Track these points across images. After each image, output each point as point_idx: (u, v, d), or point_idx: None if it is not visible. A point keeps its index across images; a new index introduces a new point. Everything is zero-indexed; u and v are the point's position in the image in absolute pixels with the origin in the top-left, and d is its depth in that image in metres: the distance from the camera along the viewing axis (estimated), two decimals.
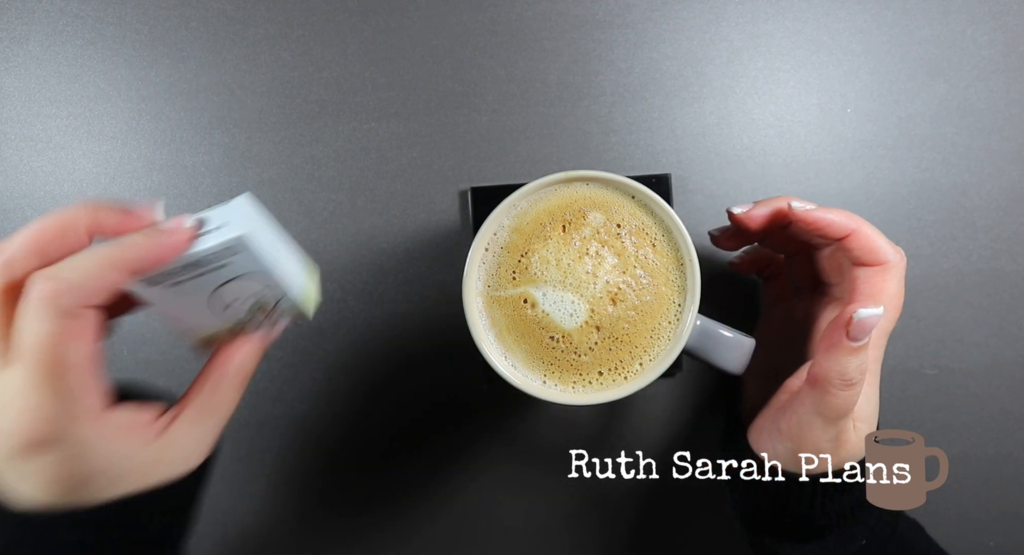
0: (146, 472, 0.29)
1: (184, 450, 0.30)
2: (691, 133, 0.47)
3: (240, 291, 0.30)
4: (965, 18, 0.47)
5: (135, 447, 0.28)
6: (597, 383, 0.37)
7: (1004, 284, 0.48)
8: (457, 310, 0.37)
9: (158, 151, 0.47)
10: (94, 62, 0.47)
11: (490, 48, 0.47)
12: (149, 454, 0.29)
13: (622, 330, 0.36)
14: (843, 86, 0.47)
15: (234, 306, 0.31)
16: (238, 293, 0.30)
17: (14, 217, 0.48)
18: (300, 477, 0.48)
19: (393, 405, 0.49)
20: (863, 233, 0.35)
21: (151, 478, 0.29)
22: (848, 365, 0.33)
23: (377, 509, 0.50)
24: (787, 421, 0.35)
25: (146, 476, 0.29)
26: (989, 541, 0.49)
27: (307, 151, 0.47)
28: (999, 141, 0.47)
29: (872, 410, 0.35)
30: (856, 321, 0.32)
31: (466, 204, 0.47)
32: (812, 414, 0.34)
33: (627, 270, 0.36)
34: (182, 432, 0.30)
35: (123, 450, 0.28)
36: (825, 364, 0.33)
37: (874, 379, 0.35)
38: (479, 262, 0.37)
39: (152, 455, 0.29)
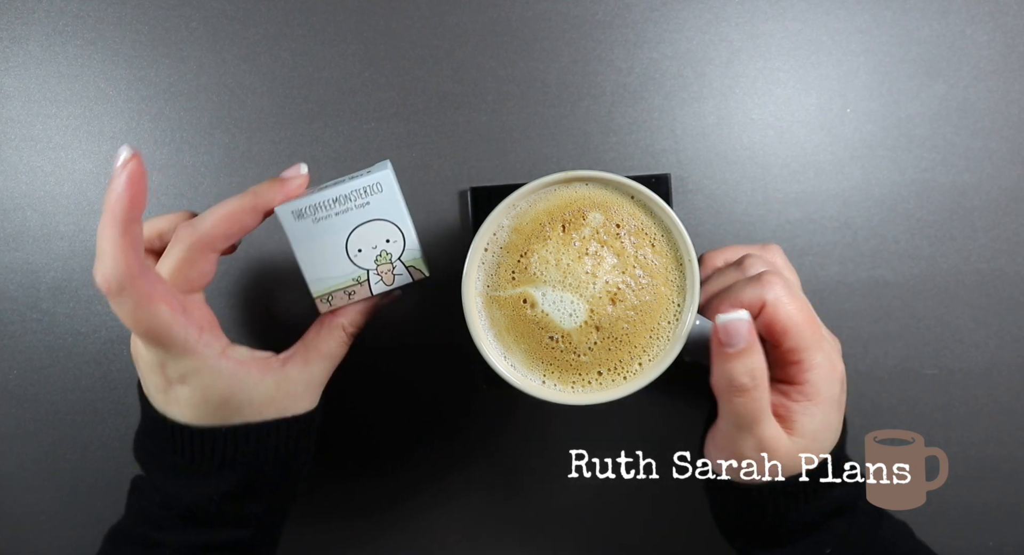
0: (269, 401, 0.35)
1: (298, 386, 0.36)
2: (691, 133, 0.47)
3: (372, 238, 0.35)
4: (965, 18, 0.47)
5: (256, 377, 0.35)
6: (596, 383, 0.37)
7: (1003, 284, 0.48)
8: (457, 310, 0.37)
9: (158, 151, 0.48)
10: (94, 62, 0.47)
11: (490, 48, 0.47)
12: (269, 385, 0.35)
13: (621, 330, 0.36)
14: (843, 86, 0.47)
15: (364, 252, 0.36)
16: (370, 239, 0.35)
17: (14, 217, 0.48)
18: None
19: (392, 405, 0.49)
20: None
21: (274, 408, 0.35)
22: (733, 371, 0.33)
23: (376, 509, 0.50)
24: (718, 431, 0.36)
25: (270, 404, 0.35)
26: (989, 541, 0.49)
27: (307, 151, 0.47)
28: (999, 141, 0.47)
29: (816, 427, 0.34)
30: (719, 326, 0.33)
31: (466, 204, 0.47)
32: (726, 423, 0.35)
33: (626, 270, 0.36)
34: (295, 370, 0.36)
35: (247, 379, 0.34)
36: (716, 374, 0.34)
37: (822, 398, 0.34)
38: (479, 262, 0.37)
39: (271, 386, 0.35)
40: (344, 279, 0.36)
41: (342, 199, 0.35)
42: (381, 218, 0.35)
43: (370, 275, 0.36)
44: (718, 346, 0.33)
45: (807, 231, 0.48)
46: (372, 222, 0.35)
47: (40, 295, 0.48)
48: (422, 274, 0.37)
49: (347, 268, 0.36)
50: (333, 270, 0.36)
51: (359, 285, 0.36)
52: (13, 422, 0.49)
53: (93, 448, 0.49)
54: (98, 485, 0.49)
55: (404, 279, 0.37)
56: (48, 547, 0.50)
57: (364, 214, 0.35)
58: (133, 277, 0.29)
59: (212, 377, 0.33)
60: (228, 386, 0.34)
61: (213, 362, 0.33)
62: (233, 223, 0.33)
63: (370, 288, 0.36)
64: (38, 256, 0.48)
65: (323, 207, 0.34)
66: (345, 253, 0.35)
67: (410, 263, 0.36)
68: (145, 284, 0.30)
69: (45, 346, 0.48)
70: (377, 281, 0.36)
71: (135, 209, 0.28)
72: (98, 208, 0.47)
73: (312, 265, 0.35)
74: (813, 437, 0.34)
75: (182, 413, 0.34)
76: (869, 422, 0.48)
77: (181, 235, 0.33)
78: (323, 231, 0.35)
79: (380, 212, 0.35)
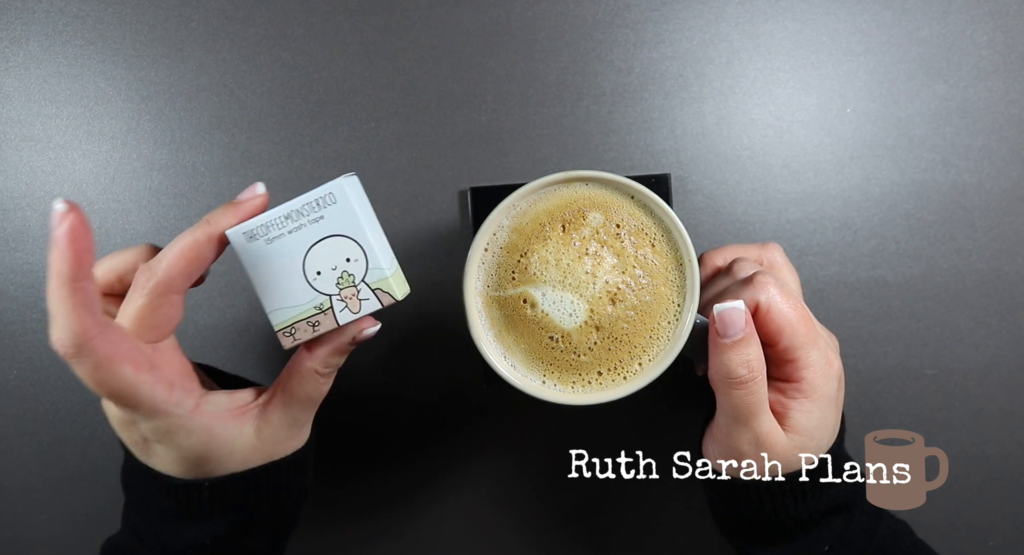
0: (252, 449, 0.33)
1: (280, 431, 0.34)
2: (691, 133, 0.47)
3: (330, 257, 0.31)
4: (965, 18, 0.47)
5: (235, 429, 0.33)
6: (596, 383, 0.37)
7: (1003, 284, 0.48)
8: (457, 310, 0.37)
9: (158, 151, 0.47)
10: (94, 62, 0.47)
11: (490, 48, 0.47)
12: (249, 434, 0.33)
13: (621, 330, 0.36)
14: (843, 86, 0.47)
15: (324, 275, 0.31)
16: (328, 259, 0.31)
17: (14, 217, 0.48)
18: None
19: (392, 405, 0.49)
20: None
21: (260, 454, 0.34)
22: (730, 362, 0.33)
23: (375, 509, 0.50)
24: (716, 426, 0.36)
25: (254, 452, 0.33)
26: (989, 541, 0.49)
27: (307, 151, 0.47)
28: (999, 141, 0.47)
29: (814, 424, 0.35)
30: (716, 316, 0.33)
31: (466, 204, 0.47)
32: (723, 417, 0.35)
33: (626, 270, 0.36)
34: (276, 415, 0.34)
35: (224, 433, 0.32)
36: (713, 366, 0.34)
37: (819, 396, 0.34)
38: (479, 262, 0.37)
39: (251, 435, 0.33)
40: (305, 308, 0.32)
41: (294, 215, 0.31)
42: (338, 234, 0.31)
43: (333, 302, 0.32)
44: (715, 337, 0.34)
45: (807, 231, 0.48)
46: (329, 238, 0.31)
47: (40, 295, 0.48)
48: (392, 298, 0.32)
49: (307, 294, 0.32)
50: (292, 298, 0.32)
51: (322, 314, 0.32)
52: (13, 422, 0.49)
53: (93, 448, 0.49)
54: (98, 485, 0.49)
55: (372, 305, 0.32)
56: (48, 547, 0.50)
57: (319, 230, 0.31)
58: (90, 338, 0.27)
59: (186, 436, 0.31)
60: (205, 444, 0.32)
61: (186, 421, 0.31)
62: (191, 259, 0.31)
63: (335, 318, 0.32)
64: (38, 256, 0.48)
65: (275, 225, 0.31)
66: (303, 277, 0.31)
67: (376, 285, 0.32)
68: (104, 344, 0.27)
69: (45, 346, 0.48)
70: (342, 308, 0.32)
71: (82, 266, 0.26)
72: (98, 208, 0.47)
73: (270, 293, 0.32)
74: (810, 434, 0.35)
75: (164, 468, 0.33)
76: (869, 422, 0.48)
77: (139, 281, 0.30)
78: (277, 253, 0.31)
79: (336, 227, 0.31)
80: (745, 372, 0.33)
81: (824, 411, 0.35)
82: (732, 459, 0.35)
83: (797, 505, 0.35)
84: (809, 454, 0.35)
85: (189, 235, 0.31)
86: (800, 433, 0.34)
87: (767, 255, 0.40)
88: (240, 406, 0.34)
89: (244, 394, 0.34)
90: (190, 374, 0.33)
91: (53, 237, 0.25)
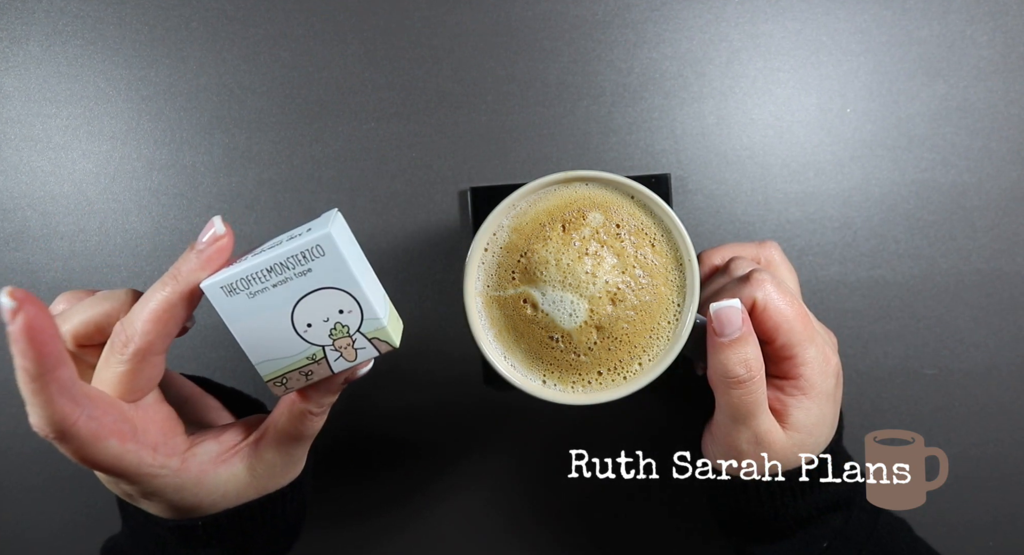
0: (246, 486, 0.33)
1: (275, 467, 0.33)
2: (691, 133, 0.47)
3: (322, 310, 0.29)
4: (964, 18, 0.47)
5: (225, 474, 0.32)
6: (597, 383, 0.37)
7: (1003, 284, 0.48)
8: (457, 310, 0.37)
9: (158, 151, 0.48)
10: (94, 62, 0.47)
11: (490, 48, 0.47)
12: (241, 474, 0.32)
13: (621, 330, 0.36)
14: (843, 86, 0.47)
15: (315, 327, 0.29)
16: (320, 311, 0.29)
17: (14, 217, 0.48)
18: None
19: (392, 405, 0.49)
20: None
21: (254, 489, 0.33)
22: (728, 361, 0.33)
23: (376, 509, 0.50)
24: (715, 426, 0.36)
25: (248, 488, 0.33)
26: (989, 541, 0.49)
27: (307, 151, 0.47)
28: (999, 141, 0.47)
29: (812, 421, 0.35)
30: (713, 315, 0.33)
31: (466, 204, 0.47)
32: (722, 417, 0.35)
33: (626, 270, 0.36)
34: (269, 453, 0.33)
35: (215, 481, 0.32)
36: (711, 365, 0.34)
37: (817, 392, 0.35)
38: (479, 262, 0.37)
39: (243, 474, 0.32)
40: (297, 358, 0.30)
41: (277, 268, 0.28)
42: (328, 286, 0.29)
43: (327, 352, 0.30)
44: (713, 337, 0.34)
45: (807, 231, 0.48)
46: (319, 292, 0.29)
47: (40, 295, 0.47)
48: (389, 346, 0.30)
49: (298, 346, 0.30)
50: (282, 350, 0.30)
51: (315, 364, 0.30)
52: (13, 422, 0.49)
53: None
54: (98, 485, 0.49)
55: (369, 353, 0.30)
56: (48, 547, 0.50)
57: (307, 283, 0.28)
58: (72, 423, 0.26)
59: (175, 492, 0.30)
60: (195, 494, 0.31)
61: (172, 480, 0.30)
62: (165, 322, 0.29)
63: (329, 366, 0.30)
64: (38, 256, 0.48)
65: (256, 279, 0.28)
66: (292, 330, 0.29)
67: (373, 335, 0.30)
68: (88, 424, 0.26)
69: None
70: (337, 358, 0.30)
71: (46, 360, 0.24)
72: (98, 208, 0.48)
73: (256, 347, 0.29)
74: (809, 431, 0.35)
75: (156, 512, 0.32)
76: (869, 422, 0.48)
77: (116, 343, 0.29)
78: (261, 307, 0.29)
79: (326, 280, 0.28)
80: (743, 371, 0.33)
81: (822, 408, 0.35)
82: (732, 458, 0.35)
83: (796, 502, 0.35)
84: (808, 453, 0.35)
85: (159, 293, 0.29)
86: (799, 430, 0.34)
87: (765, 253, 0.40)
88: (229, 449, 0.32)
89: (232, 434, 0.33)
90: (174, 428, 0.31)
91: (9, 333, 0.24)
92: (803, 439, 0.35)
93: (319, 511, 0.49)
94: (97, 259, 0.48)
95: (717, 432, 0.36)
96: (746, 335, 0.33)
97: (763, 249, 0.40)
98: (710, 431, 0.37)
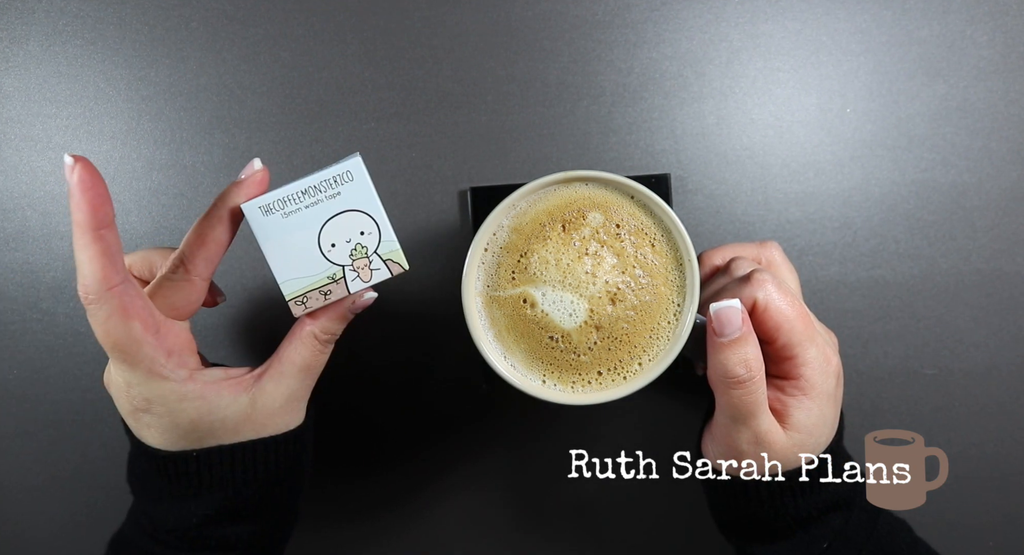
0: (244, 419, 0.34)
1: (275, 402, 0.34)
2: (691, 133, 0.47)
3: (345, 231, 0.33)
4: (964, 18, 0.47)
5: (228, 397, 0.33)
6: (596, 383, 0.37)
7: (1003, 284, 0.48)
8: (456, 310, 0.37)
9: (158, 151, 0.48)
10: (94, 62, 0.47)
11: (490, 48, 0.47)
12: (243, 403, 0.34)
13: (621, 330, 0.36)
14: (842, 86, 0.47)
15: (338, 247, 0.33)
16: (343, 232, 0.33)
17: (14, 217, 0.48)
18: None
19: (392, 405, 0.49)
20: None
21: (251, 427, 0.34)
22: (727, 361, 0.33)
23: (376, 509, 0.50)
24: (715, 426, 0.36)
25: (246, 423, 0.34)
26: (989, 541, 0.49)
27: (307, 151, 0.47)
28: (999, 141, 0.47)
29: (812, 422, 0.35)
30: (712, 315, 0.33)
31: (466, 204, 0.47)
32: (722, 417, 0.35)
33: (626, 270, 0.36)
34: (270, 384, 0.34)
35: (216, 400, 0.33)
36: (711, 365, 0.34)
37: (817, 393, 0.35)
38: (478, 262, 0.37)
39: (245, 404, 0.34)
40: (319, 277, 0.34)
41: (311, 190, 0.32)
42: (354, 209, 0.33)
43: (346, 272, 0.34)
44: (712, 336, 0.34)
45: (807, 231, 0.48)
46: (344, 213, 0.33)
47: (40, 295, 0.48)
48: (400, 268, 0.34)
49: (321, 265, 0.33)
50: (306, 268, 0.33)
51: (334, 283, 0.34)
52: (13, 422, 0.49)
53: (93, 448, 0.49)
54: (98, 485, 0.49)
55: (383, 274, 0.34)
56: (48, 546, 0.50)
57: (335, 205, 0.33)
58: (110, 286, 0.29)
59: (177, 402, 0.32)
60: (196, 409, 0.33)
61: (178, 386, 0.32)
62: (205, 239, 0.32)
63: (347, 286, 0.34)
64: (38, 256, 0.48)
65: (291, 200, 0.33)
66: (318, 248, 0.33)
67: (387, 256, 0.34)
68: (122, 296, 0.29)
69: (45, 346, 0.48)
70: (354, 278, 0.34)
71: (97, 214, 0.28)
72: None
73: (283, 264, 0.33)
74: (809, 432, 0.35)
75: (153, 439, 0.33)
76: (869, 422, 0.48)
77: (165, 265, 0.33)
78: (293, 226, 0.33)
79: (352, 202, 0.33)
80: (743, 371, 0.33)
81: (823, 408, 0.35)
82: (732, 459, 0.35)
83: (796, 502, 0.35)
84: (809, 453, 0.35)
85: (201, 217, 0.32)
86: (799, 431, 0.34)
87: (765, 253, 0.40)
88: (235, 377, 0.34)
89: (241, 370, 0.35)
90: (191, 349, 0.34)
91: (68, 189, 0.28)
92: (803, 439, 0.35)
93: (319, 511, 0.49)
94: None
95: (717, 432, 0.36)
96: (746, 335, 0.33)
97: (764, 249, 0.40)
98: (710, 431, 0.37)
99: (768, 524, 0.36)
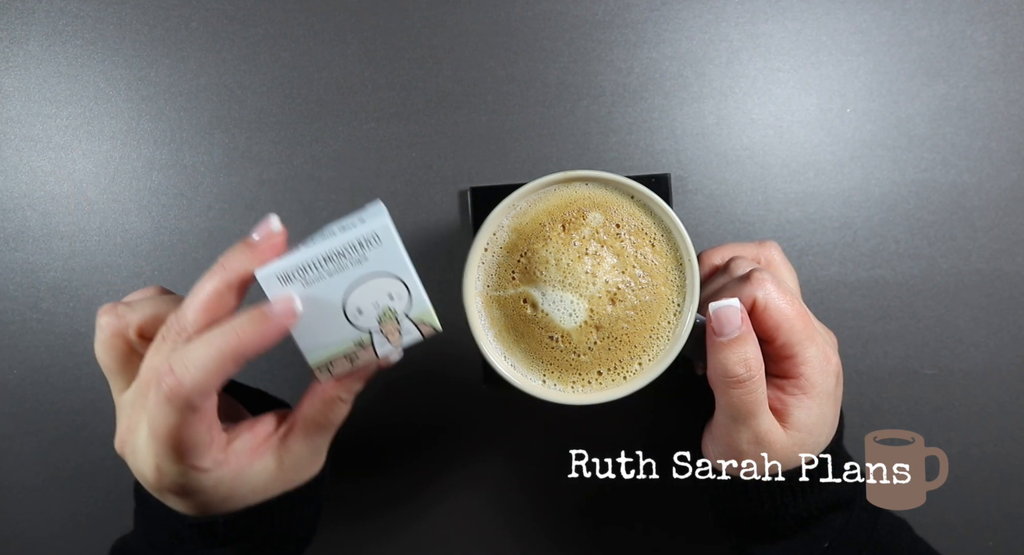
0: (273, 479, 0.33)
1: (302, 459, 0.34)
2: (691, 133, 0.47)
3: (372, 295, 0.31)
4: (964, 18, 0.47)
5: (259, 466, 0.32)
6: (596, 383, 0.37)
7: (1003, 284, 0.48)
8: (457, 310, 0.37)
9: (158, 151, 0.48)
10: (94, 62, 0.47)
11: (490, 48, 0.47)
12: (270, 466, 0.33)
13: (621, 330, 0.36)
14: (842, 86, 0.47)
15: (365, 312, 0.31)
16: (370, 297, 0.31)
17: (14, 217, 0.48)
18: None
19: (391, 405, 0.49)
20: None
21: (279, 484, 0.33)
22: (727, 361, 0.33)
23: (376, 509, 0.50)
24: (715, 426, 0.36)
25: (275, 482, 0.33)
26: (989, 541, 0.49)
27: (307, 151, 0.47)
28: (998, 141, 0.47)
29: (812, 421, 0.35)
30: (711, 315, 0.33)
31: (466, 204, 0.47)
32: (722, 417, 0.35)
33: (626, 270, 0.36)
34: (297, 445, 0.33)
35: (249, 472, 0.32)
36: (711, 365, 0.34)
37: (817, 392, 0.35)
38: (479, 262, 0.37)
39: (272, 467, 0.33)
40: (345, 344, 0.32)
41: (335, 257, 0.30)
42: (382, 272, 0.31)
43: (373, 336, 0.32)
44: (712, 336, 0.34)
45: (807, 231, 0.48)
46: (372, 278, 0.30)
47: (40, 295, 0.48)
48: (432, 330, 0.32)
49: (347, 332, 0.31)
50: (331, 336, 0.31)
51: (362, 348, 0.32)
52: (13, 422, 0.49)
53: (93, 448, 0.49)
54: (98, 485, 0.49)
55: (413, 337, 0.32)
56: (48, 547, 0.50)
57: (362, 270, 0.30)
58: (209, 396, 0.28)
59: (214, 485, 0.31)
60: (231, 488, 0.32)
61: (215, 474, 0.31)
62: (214, 311, 0.30)
63: (375, 350, 0.32)
64: (38, 256, 0.48)
65: (313, 268, 0.30)
66: (343, 316, 0.31)
67: (419, 318, 0.32)
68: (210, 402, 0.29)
69: (45, 346, 0.48)
70: (382, 342, 0.32)
71: (264, 344, 0.29)
72: (98, 208, 0.48)
73: (307, 334, 0.31)
74: (809, 431, 0.35)
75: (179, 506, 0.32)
76: (869, 422, 0.48)
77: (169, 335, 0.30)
78: (316, 294, 0.30)
79: (380, 266, 0.30)
80: (743, 371, 0.33)
81: (823, 407, 0.35)
82: (732, 458, 0.35)
83: (796, 502, 0.35)
84: (809, 453, 0.35)
85: (209, 284, 0.30)
86: (799, 430, 0.34)
87: (765, 253, 0.40)
88: (262, 441, 0.33)
89: (263, 426, 0.34)
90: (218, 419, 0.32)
91: (265, 322, 0.29)
92: (803, 439, 0.35)
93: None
94: (97, 259, 0.48)
95: (717, 432, 0.36)
96: (745, 334, 0.33)
97: (763, 249, 0.40)
98: (710, 431, 0.37)
99: (768, 524, 0.36)
